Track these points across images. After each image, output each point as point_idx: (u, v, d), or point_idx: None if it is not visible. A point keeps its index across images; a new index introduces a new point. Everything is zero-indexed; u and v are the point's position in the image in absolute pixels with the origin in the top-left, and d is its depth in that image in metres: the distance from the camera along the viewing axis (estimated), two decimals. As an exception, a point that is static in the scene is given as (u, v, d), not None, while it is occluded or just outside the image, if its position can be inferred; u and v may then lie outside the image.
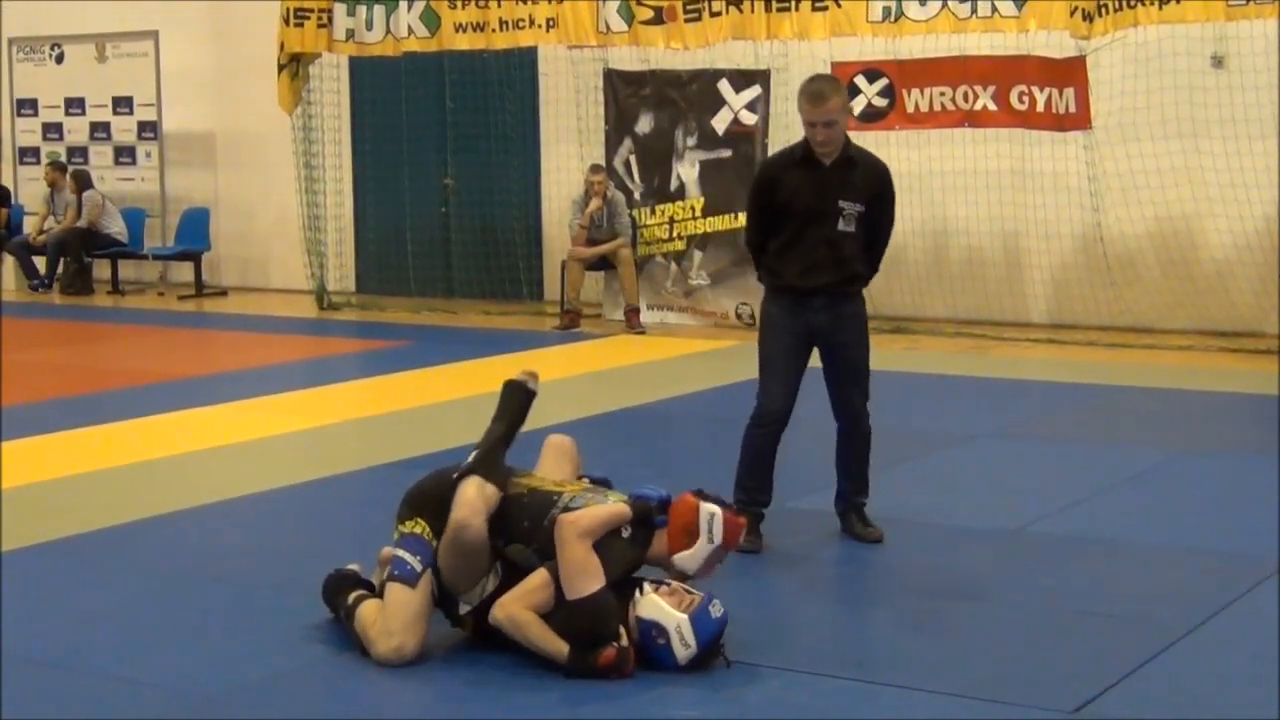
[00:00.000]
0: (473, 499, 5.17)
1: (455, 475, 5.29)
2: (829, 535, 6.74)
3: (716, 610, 5.07)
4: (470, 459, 5.36)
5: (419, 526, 5.27)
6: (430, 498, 5.32)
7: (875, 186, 6.55)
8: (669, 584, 5.19)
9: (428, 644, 5.18)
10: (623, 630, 5.02)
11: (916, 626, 5.67)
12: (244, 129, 17.20)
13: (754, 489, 6.62)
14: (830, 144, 6.36)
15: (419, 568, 5.19)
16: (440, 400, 10.32)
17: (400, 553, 5.24)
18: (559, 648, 5.02)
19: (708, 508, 5.27)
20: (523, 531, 5.23)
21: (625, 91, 14.19)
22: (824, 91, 6.36)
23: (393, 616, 5.13)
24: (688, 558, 5.23)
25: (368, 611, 5.25)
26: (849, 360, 6.62)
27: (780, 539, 6.62)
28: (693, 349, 12.60)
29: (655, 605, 5.07)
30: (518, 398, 5.59)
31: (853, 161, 6.48)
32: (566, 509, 5.18)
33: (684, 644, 5.01)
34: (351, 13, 14.53)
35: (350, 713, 4.85)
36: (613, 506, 5.19)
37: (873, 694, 4.96)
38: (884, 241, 6.73)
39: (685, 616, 5.02)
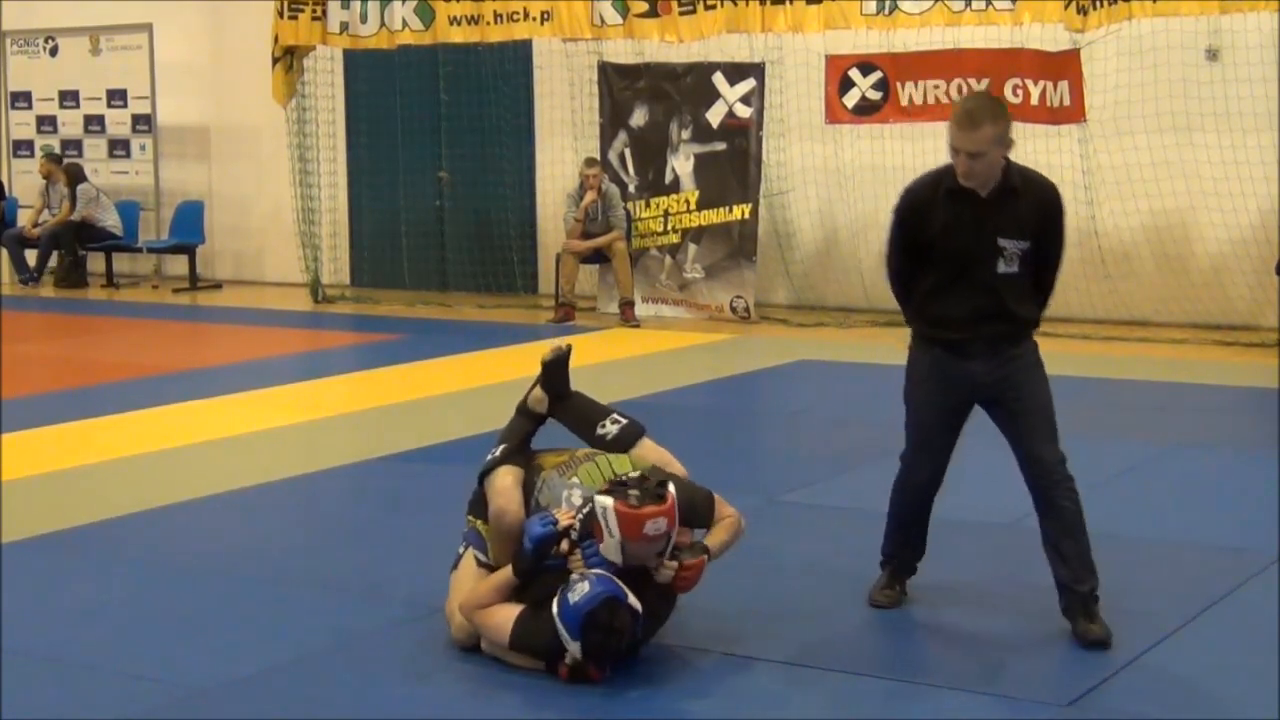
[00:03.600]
0: (505, 487, 5.32)
1: (480, 473, 5.44)
2: (823, 529, 6.74)
3: (575, 595, 4.91)
4: (494, 454, 5.48)
5: (477, 524, 5.47)
6: (478, 500, 5.49)
7: (1044, 217, 5.38)
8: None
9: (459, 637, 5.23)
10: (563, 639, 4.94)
11: (911, 620, 5.67)
12: (238, 122, 17.18)
13: (899, 545, 5.80)
14: (974, 179, 5.24)
15: (460, 550, 5.45)
16: (435, 394, 10.31)
17: (459, 549, 5.50)
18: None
19: (601, 501, 4.95)
20: (532, 512, 5.30)
21: (620, 84, 14.19)
22: (976, 116, 5.19)
23: (451, 599, 5.34)
24: (605, 549, 5.00)
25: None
26: (1026, 412, 5.51)
27: (773, 532, 6.62)
28: (687, 342, 12.60)
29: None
30: (547, 372, 5.77)
31: (1016, 192, 5.30)
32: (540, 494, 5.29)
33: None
34: (346, 6, 14.53)
35: (347, 708, 4.84)
36: (497, 577, 5.17)
37: (868, 688, 4.96)
38: (1053, 277, 5.55)
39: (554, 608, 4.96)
